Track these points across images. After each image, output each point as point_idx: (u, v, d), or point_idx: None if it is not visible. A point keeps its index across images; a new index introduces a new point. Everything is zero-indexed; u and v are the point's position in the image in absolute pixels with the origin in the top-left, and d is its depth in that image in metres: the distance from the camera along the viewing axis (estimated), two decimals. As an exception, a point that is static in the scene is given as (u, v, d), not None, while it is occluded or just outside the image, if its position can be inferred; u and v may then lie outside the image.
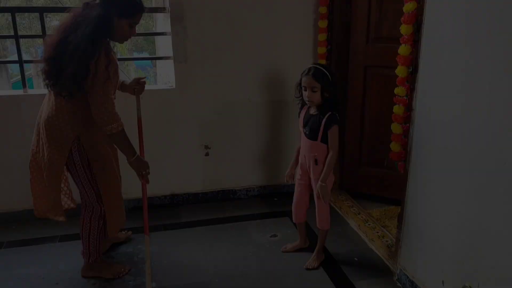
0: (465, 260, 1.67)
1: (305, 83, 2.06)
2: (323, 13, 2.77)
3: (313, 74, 2.03)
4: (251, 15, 2.79)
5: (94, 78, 1.79)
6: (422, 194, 1.94)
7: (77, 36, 1.76)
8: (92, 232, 2.12)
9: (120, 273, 2.21)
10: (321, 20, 2.79)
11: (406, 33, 1.96)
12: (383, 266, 2.30)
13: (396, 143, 2.13)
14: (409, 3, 1.91)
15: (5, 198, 2.74)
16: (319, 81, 2.02)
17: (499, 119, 1.45)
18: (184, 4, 2.67)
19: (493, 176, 1.50)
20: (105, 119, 1.84)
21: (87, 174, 1.99)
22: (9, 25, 14.66)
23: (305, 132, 2.15)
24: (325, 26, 2.78)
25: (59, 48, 1.80)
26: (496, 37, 1.45)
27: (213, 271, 2.26)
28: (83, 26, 1.78)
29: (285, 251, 2.41)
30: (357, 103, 2.90)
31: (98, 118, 1.85)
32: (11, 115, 2.61)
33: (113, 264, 2.28)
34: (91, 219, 2.10)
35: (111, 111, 1.86)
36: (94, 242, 2.14)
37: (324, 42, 2.82)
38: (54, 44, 1.81)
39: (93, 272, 2.20)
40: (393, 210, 2.79)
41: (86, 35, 1.76)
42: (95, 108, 1.83)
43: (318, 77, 2.02)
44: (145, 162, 2.04)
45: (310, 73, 2.04)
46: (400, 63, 2.03)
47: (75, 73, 1.76)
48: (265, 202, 3.09)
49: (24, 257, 2.38)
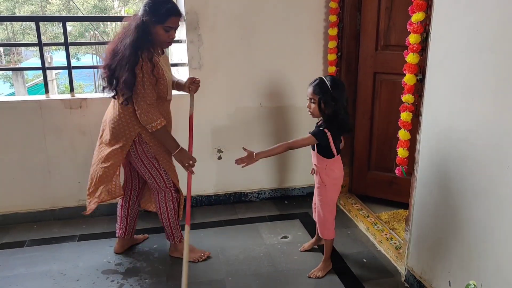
0: (471, 261, 1.73)
1: (308, 93, 2.10)
2: (333, 21, 2.85)
3: (314, 85, 2.06)
4: (263, 23, 2.89)
5: (140, 83, 1.98)
6: (429, 198, 2.00)
7: (123, 46, 1.97)
8: (170, 215, 2.34)
9: (200, 257, 2.42)
10: (331, 28, 2.88)
11: (414, 42, 2.02)
12: (391, 267, 2.37)
13: (403, 148, 2.19)
14: (418, 13, 1.97)
15: (26, 199, 2.85)
16: (316, 93, 2.04)
17: (504, 124, 1.52)
18: (199, 13, 2.77)
19: (496, 178, 1.56)
20: (147, 118, 2.04)
21: (154, 164, 2.21)
22: (23, 30, 14.97)
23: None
24: (335, 34, 2.87)
25: (113, 56, 2.01)
26: (501, 45, 1.51)
27: (226, 270, 2.33)
28: (127, 36, 1.98)
29: (303, 250, 2.50)
30: (366, 109, 2.97)
31: (140, 118, 2.05)
32: (33, 119, 2.73)
33: (195, 249, 2.45)
34: (166, 203, 2.32)
35: (150, 111, 2.04)
36: (174, 223, 2.37)
37: (334, 49, 2.90)
38: (110, 53, 2.03)
39: (177, 253, 2.42)
40: (401, 213, 2.85)
41: (129, 44, 1.96)
42: (138, 109, 2.04)
43: (316, 89, 2.04)
44: (188, 154, 2.20)
45: (312, 84, 2.08)
46: (408, 72, 2.09)
47: (126, 80, 1.96)
48: (276, 204, 3.17)
49: (45, 254, 2.48)
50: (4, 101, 2.77)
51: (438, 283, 1.96)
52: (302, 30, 2.96)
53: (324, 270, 2.29)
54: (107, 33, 14.51)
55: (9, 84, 13.53)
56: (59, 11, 14.00)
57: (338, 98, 2.03)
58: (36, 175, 2.81)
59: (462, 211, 1.76)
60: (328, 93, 2.01)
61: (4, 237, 2.68)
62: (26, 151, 2.77)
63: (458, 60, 1.74)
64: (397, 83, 2.72)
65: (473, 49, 1.64)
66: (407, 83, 2.10)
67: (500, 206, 1.56)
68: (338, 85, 2.05)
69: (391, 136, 2.84)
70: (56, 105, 2.74)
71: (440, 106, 1.87)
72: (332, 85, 2.02)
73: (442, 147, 1.87)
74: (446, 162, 1.85)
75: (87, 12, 13.69)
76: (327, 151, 2.13)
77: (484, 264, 1.66)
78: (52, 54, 13.67)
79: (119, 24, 2.28)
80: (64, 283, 2.22)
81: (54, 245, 2.59)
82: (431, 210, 1.99)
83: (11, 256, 2.46)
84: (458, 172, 1.77)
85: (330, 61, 2.93)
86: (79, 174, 2.86)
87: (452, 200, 1.83)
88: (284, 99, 3.06)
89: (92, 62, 14.09)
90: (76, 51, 14.32)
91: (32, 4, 14.51)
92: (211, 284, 2.22)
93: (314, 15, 2.95)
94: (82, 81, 13.78)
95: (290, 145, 2.11)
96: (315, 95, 2.04)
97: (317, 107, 2.05)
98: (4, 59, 15.25)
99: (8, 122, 2.71)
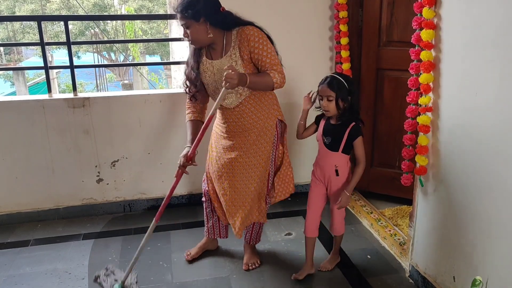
0: (476, 256, 1.74)
1: (321, 92, 2.05)
2: (344, 18, 2.81)
3: (329, 82, 2.02)
4: (267, 19, 2.84)
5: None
6: (433, 194, 2.00)
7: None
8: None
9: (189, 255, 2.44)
10: (342, 25, 2.83)
11: (427, 38, 1.88)
12: (395, 263, 2.37)
13: (422, 156, 1.99)
14: (427, 9, 1.85)
15: (30, 198, 2.86)
16: (334, 90, 2.00)
17: (508, 120, 1.51)
18: (201, 10, 2.76)
19: (500, 174, 1.56)
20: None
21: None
22: (23, 29, 14.97)
23: (325, 142, 2.12)
24: (346, 30, 2.83)
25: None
26: (505, 40, 1.50)
27: (231, 267, 2.34)
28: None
29: (295, 278, 2.22)
30: (369, 105, 2.97)
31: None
32: (36, 118, 2.73)
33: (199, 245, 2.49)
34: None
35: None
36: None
37: (347, 46, 2.86)
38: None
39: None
40: (404, 209, 2.85)
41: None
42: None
43: (333, 86, 2.00)
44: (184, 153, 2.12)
45: (325, 82, 2.03)
46: (424, 70, 1.90)
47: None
48: (279, 201, 3.15)
49: (50, 253, 2.49)
50: (7, 100, 2.77)
51: (443, 278, 1.96)
52: (307, 26, 2.95)
53: (333, 263, 2.34)
54: (107, 31, 14.50)
55: (10, 83, 13.55)
56: (59, 9, 13.97)
57: (353, 91, 2.04)
58: (40, 174, 2.82)
59: (467, 206, 1.77)
60: (345, 89, 2.01)
61: (9, 236, 2.69)
62: (30, 151, 2.77)
63: (461, 56, 1.73)
64: (400, 79, 2.73)
65: (477, 44, 1.64)
66: (423, 83, 1.93)
67: (504, 201, 1.56)
68: (350, 80, 2.07)
69: (394, 132, 2.85)
70: (59, 104, 2.74)
71: (443, 102, 1.87)
72: (346, 81, 2.03)
73: (446, 142, 1.87)
74: (450, 158, 1.85)
75: (87, 9, 13.68)
76: (349, 147, 2.10)
77: (489, 259, 1.67)
78: (53, 52, 13.70)
79: (120, 22, 2.27)
80: (69, 281, 2.23)
81: (59, 244, 2.60)
82: (435, 206, 1.99)
83: (17, 255, 2.47)
84: (462, 168, 1.77)
85: (344, 58, 2.87)
86: (83, 173, 2.87)
87: (456, 195, 1.83)
88: (289, 96, 3.05)
89: (93, 60, 14.11)
90: (76, 49, 14.32)
91: (32, 2, 14.50)
92: (215, 281, 2.23)
93: (320, 12, 2.94)
94: (83, 80, 13.78)
95: (364, 162, 2.10)
96: (332, 92, 2.01)
97: (335, 104, 2.03)
98: (5, 58, 15.27)
99: (11, 121, 2.71)
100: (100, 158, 2.88)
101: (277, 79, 2.01)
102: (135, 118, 2.84)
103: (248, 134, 2.13)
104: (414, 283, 2.18)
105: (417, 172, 2.04)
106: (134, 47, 11.91)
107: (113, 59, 15.16)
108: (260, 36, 2.02)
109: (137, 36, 12.66)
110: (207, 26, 1.98)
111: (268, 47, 2.02)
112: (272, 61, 2.02)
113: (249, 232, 2.36)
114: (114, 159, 2.90)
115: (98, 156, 2.87)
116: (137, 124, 2.86)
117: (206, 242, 2.48)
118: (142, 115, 2.85)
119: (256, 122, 2.12)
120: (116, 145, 2.88)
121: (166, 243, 2.59)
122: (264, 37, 2.03)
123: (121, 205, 2.99)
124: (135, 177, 2.95)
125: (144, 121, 2.86)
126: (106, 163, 2.90)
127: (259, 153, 2.15)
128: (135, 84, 13.11)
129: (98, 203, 2.95)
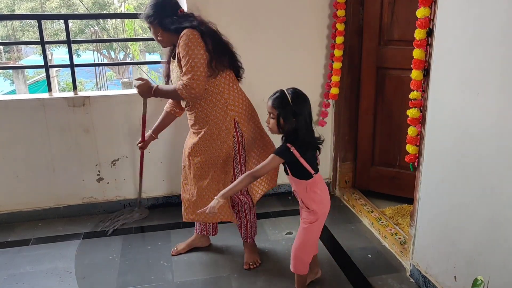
0: (477, 255, 1.74)
1: (267, 106, 1.84)
2: (342, 16, 2.80)
3: (274, 98, 1.81)
4: (265, 19, 2.87)
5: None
6: (434, 193, 2.00)
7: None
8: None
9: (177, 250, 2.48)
10: (339, 23, 2.82)
11: (420, 37, 1.97)
12: (396, 262, 2.37)
13: (412, 145, 2.14)
14: (422, 8, 1.93)
15: (31, 197, 2.86)
16: (275, 107, 1.79)
17: (510, 120, 1.51)
18: (201, 10, 2.75)
19: (502, 173, 1.56)
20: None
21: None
22: (23, 27, 14.94)
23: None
24: (343, 29, 2.83)
25: None
26: (507, 39, 1.50)
27: (231, 266, 2.34)
28: None
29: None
30: (370, 104, 2.96)
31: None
32: (37, 117, 2.73)
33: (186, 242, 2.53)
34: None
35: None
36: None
37: (341, 45, 2.85)
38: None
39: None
40: (405, 208, 2.85)
41: None
42: None
43: (276, 103, 1.80)
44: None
45: (272, 97, 1.83)
46: (414, 67, 2.03)
47: None
48: (280, 200, 3.17)
49: (51, 252, 2.49)
50: (7, 99, 2.76)
51: (444, 278, 1.96)
52: (305, 25, 2.94)
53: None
54: (107, 29, 14.48)
55: (10, 82, 13.54)
56: (58, 7, 13.95)
57: (299, 113, 1.78)
58: (41, 173, 2.82)
59: (468, 206, 1.76)
60: (289, 108, 1.77)
61: (9, 235, 2.69)
62: (30, 150, 2.77)
63: (462, 55, 1.73)
64: (400, 78, 2.72)
65: (478, 43, 1.63)
66: (414, 79, 2.06)
67: (506, 201, 1.56)
68: (299, 98, 1.80)
69: (395, 131, 2.85)
70: (59, 103, 2.74)
71: (445, 101, 1.87)
72: (293, 98, 1.78)
73: (447, 142, 1.87)
74: (451, 157, 1.85)
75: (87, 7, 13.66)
76: (301, 171, 1.84)
77: (490, 259, 1.67)
78: (52, 51, 13.67)
79: (120, 20, 2.29)
80: (70, 280, 2.23)
81: (59, 243, 2.60)
82: (436, 205, 1.99)
83: (17, 254, 2.47)
84: (464, 168, 1.77)
85: (336, 57, 2.87)
86: (84, 172, 2.87)
87: (457, 195, 1.83)
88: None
89: (93, 59, 14.09)
90: (76, 47, 14.30)
91: (32, 1, 14.47)
92: (216, 281, 2.23)
93: (318, 10, 2.93)
94: (83, 78, 13.77)
95: (254, 174, 1.83)
96: (274, 109, 1.80)
97: (276, 123, 1.81)
98: (4, 56, 15.23)
99: (12, 120, 2.71)
100: (101, 157, 2.88)
101: (181, 91, 1.99)
102: (135, 117, 2.83)
103: (203, 132, 2.14)
104: (415, 282, 2.18)
105: (407, 159, 2.17)
106: (134, 45, 11.90)
107: (113, 57, 15.15)
108: (187, 41, 1.96)
109: (137, 34, 12.64)
110: (159, 30, 2.10)
111: (189, 53, 1.95)
112: (187, 69, 1.96)
113: (239, 228, 2.39)
114: (115, 158, 2.90)
115: (98, 155, 2.87)
116: (138, 123, 2.85)
117: (195, 239, 2.50)
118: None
119: (207, 122, 2.12)
120: (116, 144, 2.88)
121: (167, 242, 2.59)
122: (192, 42, 1.95)
123: (121, 204, 2.99)
124: (135, 176, 2.95)
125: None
126: (106, 162, 2.89)
127: (213, 152, 2.13)
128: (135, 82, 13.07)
129: (98, 202, 2.95)
